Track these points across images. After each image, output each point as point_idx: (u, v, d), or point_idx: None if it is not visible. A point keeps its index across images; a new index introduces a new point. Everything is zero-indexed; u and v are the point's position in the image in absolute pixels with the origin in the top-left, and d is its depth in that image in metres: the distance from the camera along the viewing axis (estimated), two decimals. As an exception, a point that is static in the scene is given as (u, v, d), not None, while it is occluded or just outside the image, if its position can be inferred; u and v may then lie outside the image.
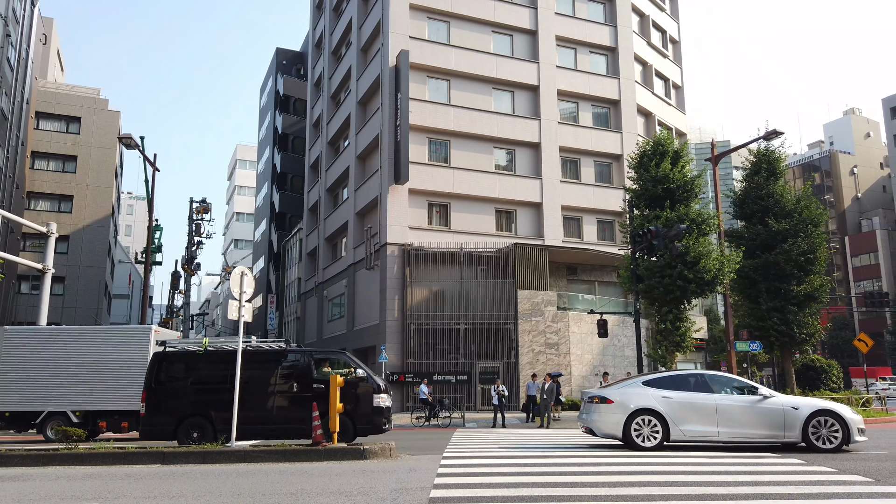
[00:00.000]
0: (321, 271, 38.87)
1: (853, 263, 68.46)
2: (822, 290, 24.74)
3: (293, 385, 12.97)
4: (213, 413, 12.61)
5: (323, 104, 41.20)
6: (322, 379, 12.77)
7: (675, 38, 40.68)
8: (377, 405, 12.92)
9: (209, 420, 12.64)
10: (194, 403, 12.82)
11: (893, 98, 67.07)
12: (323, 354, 13.97)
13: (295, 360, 13.33)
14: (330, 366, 13.51)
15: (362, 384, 13.04)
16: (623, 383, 12.19)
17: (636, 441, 11.16)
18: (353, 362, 13.57)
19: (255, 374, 12.97)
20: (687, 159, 23.85)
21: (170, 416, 12.70)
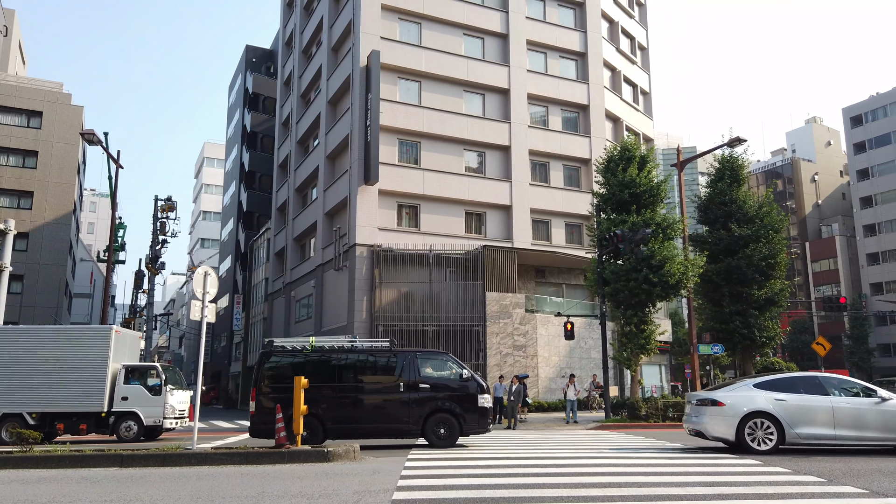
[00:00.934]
0: (289, 271, 38.51)
1: (813, 268, 70.25)
2: (782, 295, 25.31)
3: (399, 384, 13.12)
4: (323, 411, 12.75)
5: (293, 103, 40.86)
6: (426, 379, 13.18)
7: (643, 45, 41.29)
8: (482, 405, 13.20)
9: (318, 419, 12.70)
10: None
11: (853, 108, 69.03)
12: (426, 355, 14.08)
13: (399, 360, 13.44)
14: (433, 366, 13.70)
15: (468, 385, 13.31)
16: (731, 386, 11.89)
17: (750, 444, 10.92)
18: (456, 363, 13.79)
19: (361, 374, 13.38)
20: (653, 165, 24.24)
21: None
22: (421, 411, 12.93)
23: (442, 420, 12.96)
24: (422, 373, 13.28)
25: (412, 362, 13.32)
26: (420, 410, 12.93)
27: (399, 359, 13.42)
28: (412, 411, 12.87)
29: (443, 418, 12.96)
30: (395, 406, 13.01)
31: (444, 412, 12.99)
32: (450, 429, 12.86)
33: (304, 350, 13.42)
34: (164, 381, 16.62)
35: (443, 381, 13.39)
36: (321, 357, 13.38)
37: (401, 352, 13.69)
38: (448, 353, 14.46)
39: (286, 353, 13.45)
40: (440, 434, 12.92)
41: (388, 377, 13.32)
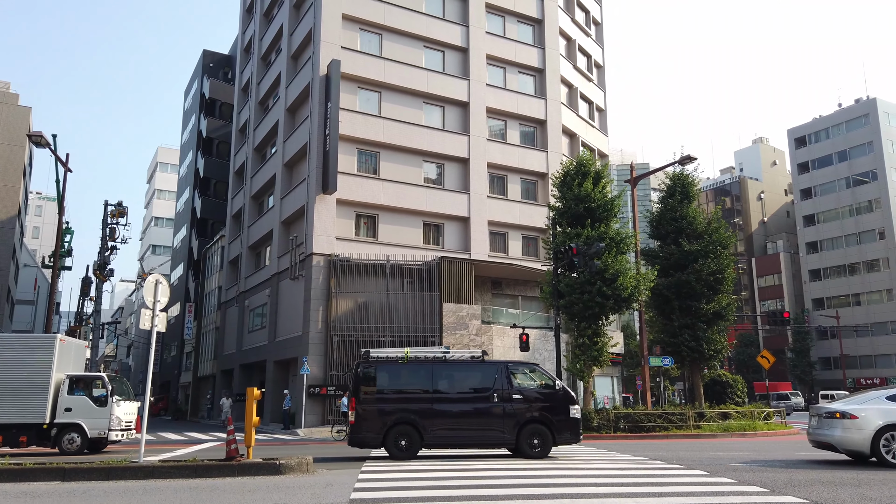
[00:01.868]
0: (243, 280, 37.88)
1: (759, 284, 72.60)
2: (729, 309, 26.06)
3: (492, 395, 13.20)
4: (420, 421, 12.87)
5: (250, 109, 40.36)
6: (519, 389, 13.33)
7: (599, 63, 42.21)
8: (573, 416, 13.35)
9: (416, 428, 12.85)
10: (401, 412, 12.96)
11: (797, 129, 71.84)
12: (517, 366, 14.20)
13: (492, 371, 13.53)
14: (524, 377, 13.84)
15: (559, 395, 13.46)
16: (862, 398, 11.74)
17: (886, 457, 10.74)
18: (546, 374, 13.99)
19: (455, 384, 13.56)
20: (608, 180, 24.75)
21: (378, 425, 12.84)
22: (514, 422, 13.07)
23: (535, 431, 13.13)
24: (514, 384, 13.44)
25: (504, 373, 13.49)
26: (514, 421, 13.07)
27: (491, 370, 13.58)
28: (506, 422, 13.02)
29: (536, 429, 13.13)
30: (489, 417, 13.14)
31: (537, 423, 13.17)
32: (543, 440, 13.05)
33: (398, 360, 13.58)
34: (111, 392, 16.13)
35: (534, 391, 13.60)
36: (416, 367, 13.59)
37: (492, 363, 13.87)
38: (538, 364, 14.70)
39: (383, 364, 13.56)
40: (534, 444, 13.06)
41: (481, 388, 13.43)
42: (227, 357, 39.65)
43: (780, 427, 23.37)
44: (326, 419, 26.11)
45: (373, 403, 13.06)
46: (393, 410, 12.98)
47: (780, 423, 24.26)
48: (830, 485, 8.82)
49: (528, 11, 36.29)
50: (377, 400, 13.12)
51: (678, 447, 16.35)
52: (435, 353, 14.07)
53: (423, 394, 13.27)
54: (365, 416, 12.89)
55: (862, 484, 8.88)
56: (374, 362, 13.50)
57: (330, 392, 26.47)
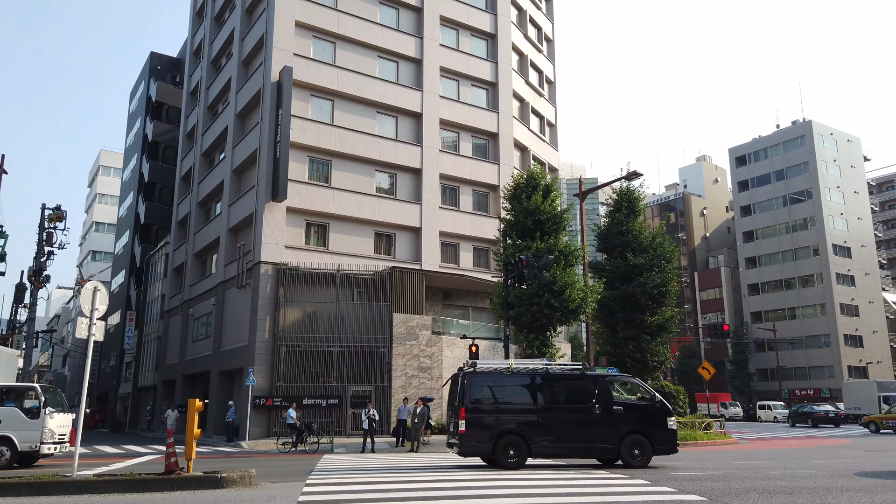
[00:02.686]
0: (188, 288, 36.92)
1: (701, 297, 74.83)
2: (672, 321, 26.78)
3: (595, 406, 13.50)
4: (527, 431, 13.15)
5: (199, 114, 39.54)
6: (619, 401, 13.77)
7: (550, 78, 42.99)
8: (671, 427, 13.72)
9: (524, 438, 13.09)
10: (509, 422, 13.25)
11: (738, 149, 74.60)
12: (616, 378, 14.64)
13: (594, 383, 13.86)
14: (623, 389, 14.27)
15: (657, 407, 13.82)
16: None
17: None
18: (643, 386, 14.37)
19: (558, 396, 13.88)
20: (557, 194, 25.18)
21: (488, 434, 13.03)
22: (616, 432, 13.35)
23: (636, 441, 13.38)
24: (614, 395, 13.83)
25: (604, 385, 13.83)
26: (615, 431, 13.36)
27: (591, 382, 13.91)
28: (608, 432, 13.32)
29: (637, 440, 13.38)
30: (592, 427, 13.44)
31: (637, 433, 13.43)
32: (643, 450, 13.31)
33: (503, 372, 13.81)
34: (44, 403, 15.44)
35: (634, 403, 14.06)
36: (522, 379, 13.80)
37: (593, 375, 14.23)
38: (636, 377, 14.95)
39: (489, 375, 13.75)
40: (634, 455, 13.30)
41: (584, 399, 13.71)
42: (170, 367, 38.52)
43: (719, 437, 24.07)
44: (272, 431, 25.60)
45: (481, 414, 13.25)
46: (501, 421, 13.25)
47: (720, 433, 24.97)
48: (765, 493, 9.14)
49: (481, 26, 36.73)
50: (485, 411, 13.34)
51: (622, 457, 16.61)
52: (535, 365, 14.44)
53: (528, 405, 13.61)
54: (474, 427, 13.07)
55: (795, 492, 9.22)
56: (482, 374, 13.73)
57: (276, 403, 25.97)
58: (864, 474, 11.84)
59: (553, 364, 14.39)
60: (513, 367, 13.87)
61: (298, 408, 23.71)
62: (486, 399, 13.49)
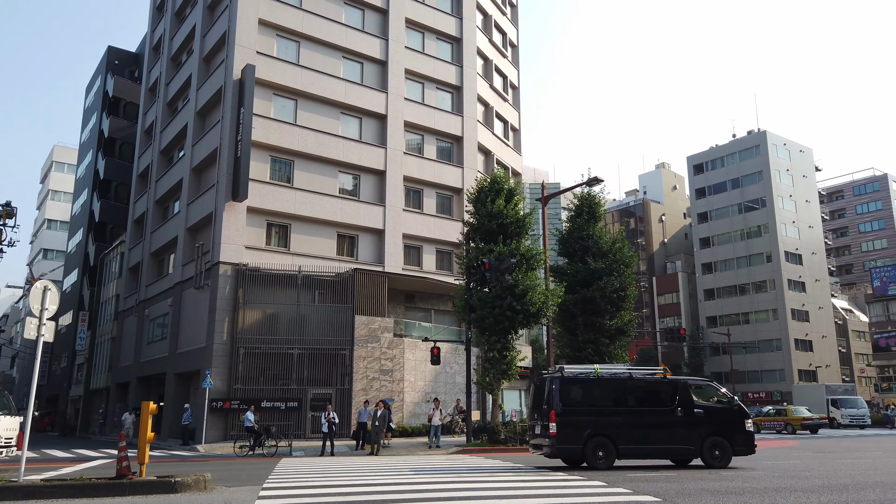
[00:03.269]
0: (144, 288, 36.08)
1: (659, 301, 76.27)
2: (630, 325, 27.19)
3: (677, 409, 14.02)
4: (614, 433, 13.62)
5: (158, 110, 38.71)
6: (699, 404, 14.30)
7: (514, 83, 43.36)
8: (748, 429, 14.32)
9: (611, 440, 13.56)
10: (596, 424, 13.69)
11: (696, 157, 76.33)
12: (695, 382, 15.28)
13: (675, 386, 14.36)
14: (702, 393, 14.90)
15: (735, 410, 14.44)
16: None
17: None
18: (721, 391, 14.96)
19: (641, 399, 14.36)
20: (520, 198, 25.38)
21: (578, 436, 13.48)
22: (698, 434, 13.92)
23: (716, 443, 13.93)
24: (695, 399, 14.35)
25: (685, 389, 14.35)
26: (697, 433, 13.93)
27: (673, 386, 14.42)
28: (690, 434, 13.88)
29: (717, 441, 13.94)
30: (675, 429, 13.97)
31: (718, 435, 14.00)
32: (723, 451, 13.87)
33: (589, 376, 14.35)
34: (-11, 407, 14.90)
35: (713, 406, 14.65)
36: (607, 383, 14.37)
37: (674, 379, 14.66)
38: (713, 382, 15.58)
39: (576, 379, 14.29)
40: (715, 455, 13.85)
41: (666, 402, 14.22)
42: (124, 369, 37.57)
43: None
44: (229, 434, 25.16)
45: (571, 417, 13.69)
46: (589, 423, 13.69)
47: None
48: (717, 494, 9.36)
49: (447, 29, 36.84)
50: (574, 414, 13.80)
51: (580, 459, 16.82)
52: (617, 370, 15.02)
53: (614, 408, 14.12)
54: (565, 429, 13.54)
55: (745, 493, 9.47)
56: (569, 379, 14.21)
57: (234, 406, 25.55)
58: (812, 475, 12.22)
59: (635, 369, 15.05)
60: (598, 372, 14.52)
61: (257, 411, 23.39)
62: (574, 403, 14.06)
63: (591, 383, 14.35)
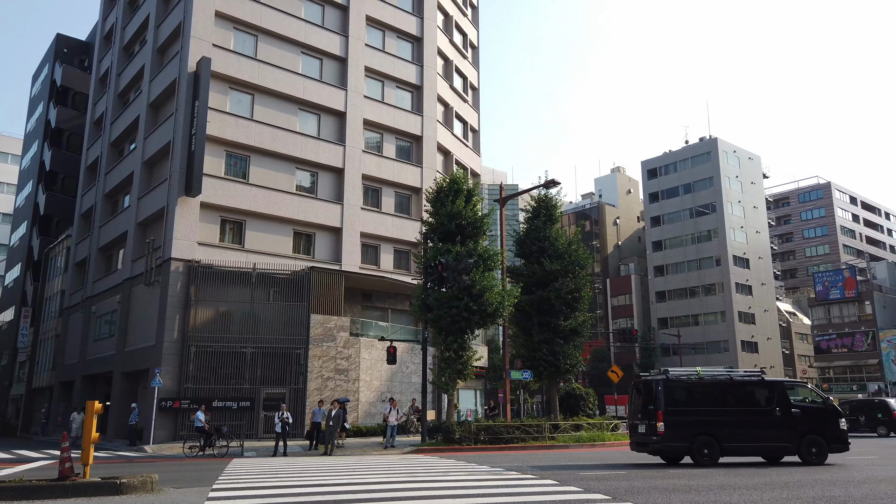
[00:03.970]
0: (91, 284, 34.98)
1: (612, 303, 77.63)
2: (584, 326, 27.59)
3: (776, 409, 14.81)
4: (719, 432, 14.34)
5: (108, 101, 37.57)
6: (796, 404, 15.02)
7: (474, 85, 43.54)
8: (842, 428, 15.03)
9: (715, 438, 14.27)
10: (701, 424, 14.41)
11: (650, 161, 77.97)
12: (791, 384, 15.95)
13: (772, 388, 15.18)
14: (797, 394, 15.51)
15: (829, 410, 15.18)
16: None
17: None
18: (815, 391, 15.77)
19: (742, 400, 15.06)
20: (478, 199, 25.52)
21: (684, 435, 14.24)
22: (795, 433, 14.68)
23: (813, 441, 14.64)
24: (790, 399, 15.08)
25: (781, 390, 15.15)
26: (794, 432, 14.69)
27: (770, 387, 15.24)
28: (788, 433, 14.65)
29: (813, 439, 14.66)
30: (774, 428, 14.73)
31: (814, 434, 14.73)
32: (819, 448, 14.57)
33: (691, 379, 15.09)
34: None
35: (808, 406, 15.30)
36: (709, 385, 15.09)
37: (771, 381, 15.49)
38: (807, 383, 15.97)
39: (680, 381, 15.01)
40: (812, 453, 14.56)
41: (765, 403, 15.03)
42: (68, 367, 36.37)
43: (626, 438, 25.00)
44: (179, 435, 24.60)
45: (677, 416, 14.41)
46: (694, 423, 14.42)
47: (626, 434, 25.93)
48: (665, 492, 9.59)
49: (407, 28, 36.76)
50: (680, 413, 14.50)
51: (533, 458, 17.05)
52: (717, 372, 15.72)
53: (716, 409, 14.76)
54: (672, 428, 14.26)
55: (692, 490, 9.72)
56: (674, 381, 14.94)
57: (184, 406, 25.00)
58: (758, 472, 12.63)
59: (735, 371, 15.78)
60: (700, 374, 15.26)
61: (207, 410, 22.95)
62: (679, 403, 14.75)
63: (694, 385, 15.13)
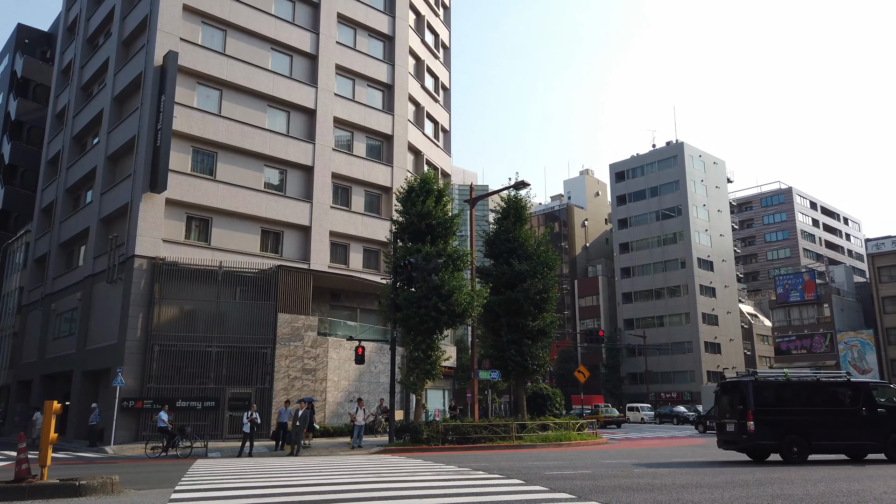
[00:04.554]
0: (51, 281, 34.09)
1: (580, 304, 78.47)
2: (552, 326, 27.82)
3: (861, 408, 15.40)
4: (807, 431, 14.97)
5: (71, 94, 36.67)
6: (881, 404, 15.53)
7: (446, 85, 43.57)
8: None
9: (804, 437, 14.91)
10: (790, 423, 15.05)
11: (618, 165, 79.00)
12: (875, 385, 16.48)
13: (858, 388, 15.74)
14: (882, 394, 16.01)
15: None
16: None
17: None
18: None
19: (828, 400, 15.65)
20: (449, 199, 25.57)
21: (774, 433, 14.92)
22: (881, 431, 15.25)
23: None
24: (875, 399, 15.61)
25: (868, 390, 15.75)
26: (880, 431, 15.26)
27: (855, 387, 15.78)
28: (875, 431, 15.22)
29: None
30: (860, 427, 15.28)
31: None
32: None
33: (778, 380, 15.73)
34: None
35: (893, 406, 15.72)
36: (797, 385, 15.71)
37: (856, 382, 16.03)
38: (889, 384, 16.59)
39: (768, 382, 15.69)
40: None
41: (851, 403, 15.57)
42: (26, 366, 35.41)
43: (591, 437, 25.32)
44: (141, 435, 24.12)
45: (766, 416, 15.02)
46: (784, 422, 15.06)
47: (592, 434, 26.27)
48: (629, 490, 9.73)
49: (379, 27, 36.63)
50: (769, 413, 15.11)
51: (500, 458, 17.14)
52: (803, 374, 16.44)
53: (804, 408, 15.36)
54: (762, 427, 14.88)
55: (656, 489, 9.88)
56: (763, 382, 15.61)
57: (147, 406, 24.53)
58: (719, 472, 12.89)
59: (821, 372, 16.34)
60: (787, 375, 15.91)
61: (171, 410, 22.58)
62: (768, 403, 15.33)
63: (783, 386, 15.75)
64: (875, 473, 12.35)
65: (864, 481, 10.97)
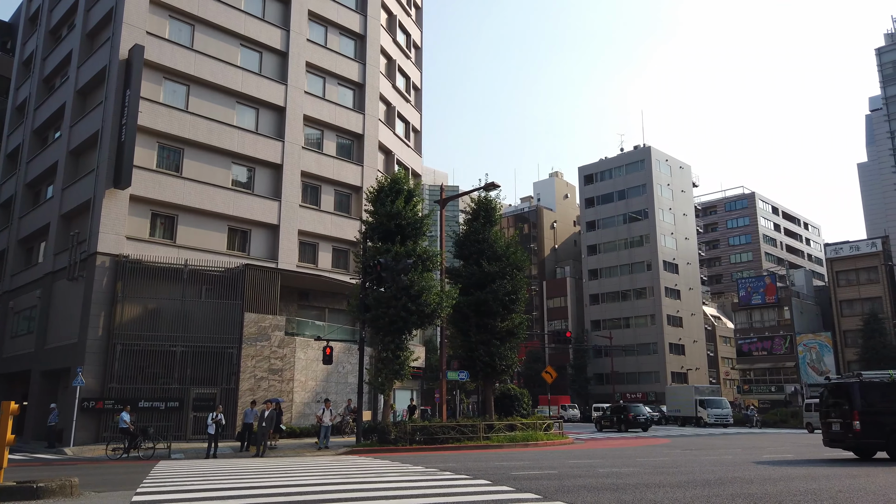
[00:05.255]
0: (8, 278, 33.17)
1: (548, 305, 79.14)
2: (521, 327, 27.99)
3: None
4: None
5: (32, 86, 35.71)
6: None
7: (417, 85, 43.57)
8: None
9: None
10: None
11: (587, 167, 79.88)
12: None
13: None
14: None
15: None
16: None
17: None
18: None
19: None
20: (419, 199, 25.54)
21: (880, 432, 15.42)
22: None
23: None
24: None
25: None
26: None
27: None
28: None
29: None
30: None
31: None
32: None
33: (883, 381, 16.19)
34: None
35: None
36: None
37: None
38: None
39: (873, 383, 16.23)
40: None
41: None
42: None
43: (558, 437, 25.56)
44: (101, 436, 23.61)
45: (873, 416, 15.55)
46: (890, 422, 15.50)
47: (559, 434, 26.53)
48: (594, 490, 9.85)
49: (350, 25, 36.45)
50: (875, 413, 15.61)
51: (468, 458, 17.20)
52: None
53: None
54: (868, 426, 15.43)
55: (620, 489, 10.02)
56: (868, 383, 16.14)
57: (108, 406, 24.00)
58: (679, 471, 13.13)
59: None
60: (893, 376, 16.37)
61: (133, 411, 22.15)
62: (874, 403, 15.83)
63: (888, 387, 16.20)
64: None
65: None
